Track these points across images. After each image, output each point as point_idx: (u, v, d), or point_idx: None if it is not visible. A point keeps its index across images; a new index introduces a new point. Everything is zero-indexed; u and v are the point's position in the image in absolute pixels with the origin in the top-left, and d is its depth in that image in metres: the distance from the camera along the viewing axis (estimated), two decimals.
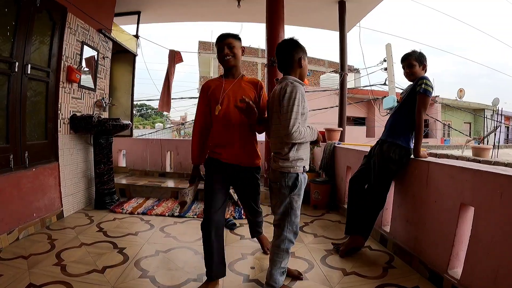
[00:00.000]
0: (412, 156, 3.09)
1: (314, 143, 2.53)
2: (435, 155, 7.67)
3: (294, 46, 2.40)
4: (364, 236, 3.26)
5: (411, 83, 3.16)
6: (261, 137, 6.05)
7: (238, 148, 2.59)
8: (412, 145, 3.06)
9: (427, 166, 2.87)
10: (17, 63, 3.42)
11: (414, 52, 3.15)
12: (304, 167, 2.40)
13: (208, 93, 2.61)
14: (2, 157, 3.34)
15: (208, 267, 2.47)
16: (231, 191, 4.79)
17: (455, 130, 20.17)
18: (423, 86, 2.92)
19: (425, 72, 3.15)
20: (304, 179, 2.40)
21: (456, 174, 2.53)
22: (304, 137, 2.26)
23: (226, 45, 2.55)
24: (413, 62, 3.10)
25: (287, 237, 2.39)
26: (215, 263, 2.46)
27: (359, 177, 3.37)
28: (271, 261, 2.42)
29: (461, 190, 2.45)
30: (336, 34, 7.14)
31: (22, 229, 3.52)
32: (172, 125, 30.37)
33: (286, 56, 2.40)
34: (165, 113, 39.30)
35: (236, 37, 2.60)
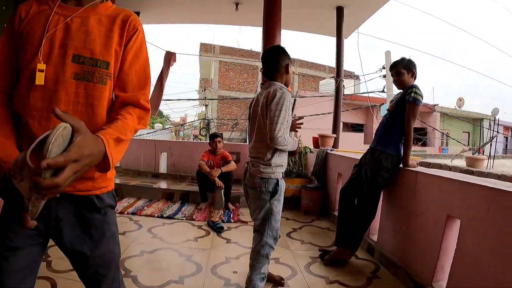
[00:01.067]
0: (401, 165, 3.06)
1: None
2: (429, 165, 7.60)
3: (281, 53, 2.40)
4: (352, 250, 3.19)
5: (401, 91, 3.14)
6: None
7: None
8: (402, 154, 3.03)
9: (415, 176, 2.83)
10: None
11: (402, 59, 3.12)
12: (282, 173, 2.39)
13: (22, 26, 1.12)
14: None
15: None
16: (222, 192, 4.78)
17: (453, 139, 20.13)
18: (412, 94, 2.89)
19: (415, 79, 3.12)
20: (283, 184, 2.38)
21: (444, 185, 2.49)
22: (287, 145, 2.23)
23: None
24: (401, 70, 3.07)
25: (267, 243, 2.36)
26: None
27: (350, 187, 3.32)
28: (251, 267, 2.40)
29: (448, 202, 2.41)
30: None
31: None
32: (171, 126, 30.35)
33: (274, 61, 2.38)
34: (165, 113, 39.44)
35: None
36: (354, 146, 8.66)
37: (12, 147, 1.04)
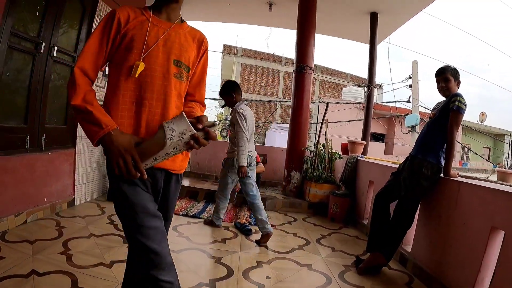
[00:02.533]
0: (441, 175, 2.98)
1: None
2: (463, 177, 7.38)
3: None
4: (386, 256, 3.06)
5: (444, 99, 3.10)
6: (283, 143, 5.97)
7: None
8: (442, 163, 2.96)
9: (457, 186, 2.77)
10: (43, 44, 3.35)
11: (449, 67, 3.08)
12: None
13: (122, 27, 1.42)
14: (18, 137, 3.26)
15: None
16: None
17: (475, 153, 19.68)
18: (456, 103, 2.84)
19: (459, 88, 3.06)
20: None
21: (488, 196, 2.44)
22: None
23: None
24: (449, 77, 3.02)
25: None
26: None
27: (385, 194, 3.23)
28: None
29: (492, 213, 2.35)
30: (361, 47, 7.09)
31: (30, 212, 3.42)
32: None
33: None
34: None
35: None
36: (374, 155, 8.51)
37: (109, 118, 1.34)
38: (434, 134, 3.01)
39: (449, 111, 2.88)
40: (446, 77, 3.01)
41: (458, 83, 3.04)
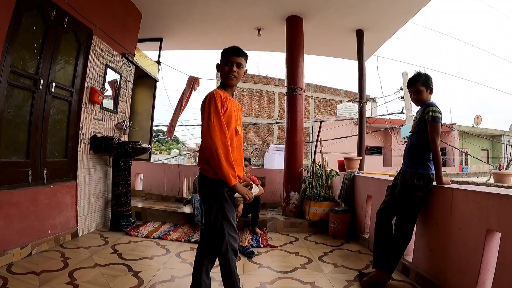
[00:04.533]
0: (434, 183, 3.03)
1: None
2: (457, 183, 7.41)
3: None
4: (389, 271, 3.09)
5: (419, 107, 3.17)
6: (281, 164, 6.04)
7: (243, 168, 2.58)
8: (433, 171, 3.01)
9: (451, 192, 2.82)
10: (42, 81, 3.47)
11: (419, 76, 3.12)
12: None
13: (225, 106, 2.32)
14: (21, 171, 3.34)
15: None
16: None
17: (473, 157, 19.74)
18: (430, 113, 2.91)
19: (431, 93, 3.12)
20: None
21: (481, 199, 2.48)
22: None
23: (236, 63, 2.39)
24: (420, 88, 3.09)
25: None
26: None
27: (386, 209, 3.25)
28: None
29: (486, 216, 2.40)
30: (353, 63, 7.15)
31: (35, 244, 3.47)
32: (188, 152, 30.51)
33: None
34: (181, 140, 39.78)
35: (247, 58, 2.48)
36: (373, 169, 8.57)
37: (240, 169, 2.44)
38: (418, 146, 3.07)
39: (426, 122, 2.95)
40: (417, 89, 3.09)
41: (431, 90, 3.09)
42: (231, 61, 2.39)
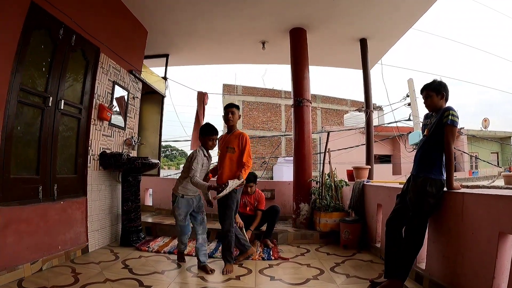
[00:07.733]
0: (445, 189, 3.00)
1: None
2: (467, 187, 7.29)
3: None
4: (402, 280, 3.04)
5: (430, 113, 3.19)
6: (291, 176, 6.02)
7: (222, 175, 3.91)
8: (444, 177, 2.98)
9: (461, 197, 2.79)
10: (51, 98, 3.54)
11: (433, 82, 3.14)
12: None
13: (220, 141, 4.08)
14: (31, 187, 3.37)
15: None
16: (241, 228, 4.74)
17: (483, 161, 19.47)
18: (450, 117, 2.90)
19: (446, 101, 3.12)
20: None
21: (492, 203, 2.48)
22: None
23: (230, 112, 3.96)
24: (430, 93, 3.09)
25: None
26: None
27: (395, 218, 3.22)
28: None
29: (498, 219, 2.38)
30: (358, 72, 7.14)
31: (46, 260, 3.48)
32: None
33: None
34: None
35: (237, 107, 4.04)
36: (383, 178, 8.48)
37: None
38: (432, 150, 3.04)
39: (443, 125, 2.93)
40: (427, 94, 3.11)
41: (443, 96, 3.08)
42: (226, 112, 3.98)
